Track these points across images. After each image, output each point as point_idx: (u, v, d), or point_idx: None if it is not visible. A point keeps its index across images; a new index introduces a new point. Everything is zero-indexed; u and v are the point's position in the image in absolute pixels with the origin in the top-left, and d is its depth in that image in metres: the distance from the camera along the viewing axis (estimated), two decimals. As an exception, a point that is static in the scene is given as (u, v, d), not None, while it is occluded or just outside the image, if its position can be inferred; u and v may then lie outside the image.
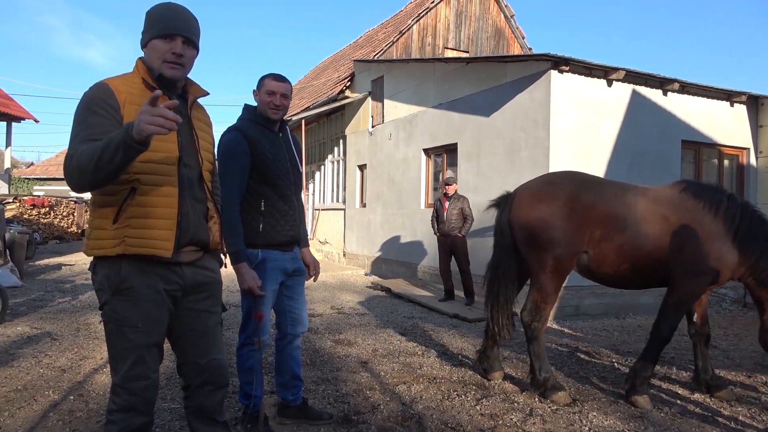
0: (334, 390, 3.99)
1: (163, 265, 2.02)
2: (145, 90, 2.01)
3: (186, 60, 2.06)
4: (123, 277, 1.96)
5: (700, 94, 8.39)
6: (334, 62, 19.08)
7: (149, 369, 2.04)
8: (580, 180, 4.11)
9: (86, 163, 1.75)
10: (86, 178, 1.79)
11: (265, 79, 3.04)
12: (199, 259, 2.16)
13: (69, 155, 1.83)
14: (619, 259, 3.91)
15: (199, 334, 2.18)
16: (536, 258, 4.01)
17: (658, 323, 3.89)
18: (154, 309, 2.02)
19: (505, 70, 8.17)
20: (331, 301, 8.10)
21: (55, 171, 32.57)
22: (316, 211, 15.33)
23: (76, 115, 1.94)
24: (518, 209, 4.10)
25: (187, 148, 2.09)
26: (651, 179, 7.34)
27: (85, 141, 1.84)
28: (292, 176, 3.11)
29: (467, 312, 7.18)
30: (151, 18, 2.05)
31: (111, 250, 1.95)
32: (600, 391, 4.15)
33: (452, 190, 7.90)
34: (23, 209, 16.54)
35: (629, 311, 7.59)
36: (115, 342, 2.01)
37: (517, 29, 16.12)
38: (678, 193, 3.95)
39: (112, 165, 1.74)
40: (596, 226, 3.89)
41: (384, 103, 11.80)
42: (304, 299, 3.30)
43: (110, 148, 1.72)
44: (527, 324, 4.02)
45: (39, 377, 4.15)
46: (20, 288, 8.40)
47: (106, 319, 2.01)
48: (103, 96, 1.93)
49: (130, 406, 2.00)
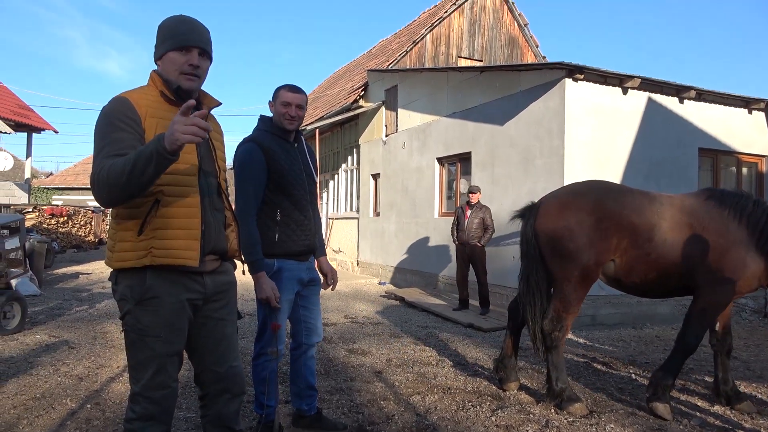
0: (348, 400, 3.98)
1: (187, 275, 2.04)
2: (163, 102, 2.04)
3: (202, 71, 2.09)
4: (147, 287, 1.97)
5: (717, 101, 8.31)
6: (348, 72, 19.20)
7: (170, 378, 2.05)
8: (606, 189, 4.08)
9: (117, 177, 1.77)
10: (117, 192, 1.81)
11: (280, 90, 3.07)
12: (218, 267, 2.19)
13: (96, 170, 1.84)
14: (645, 267, 3.87)
15: (216, 342, 2.19)
16: (561, 267, 3.96)
17: (683, 332, 3.84)
18: (176, 318, 2.03)
19: (519, 79, 8.16)
20: (345, 311, 8.10)
21: (73, 181, 33.07)
22: (330, 220, 15.38)
23: (99, 130, 1.94)
24: (544, 218, 4.05)
25: (205, 158, 2.12)
26: (668, 188, 7.26)
27: (110, 157, 1.85)
28: (307, 186, 3.12)
29: (482, 321, 7.14)
30: (166, 31, 2.07)
31: (137, 261, 1.95)
32: (617, 402, 4.10)
33: (475, 198, 7.81)
34: (42, 218, 16.80)
35: (646, 321, 7.49)
36: (136, 351, 2.02)
37: (531, 38, 16.11)
38: (703, 200, 3.92)
39: (144, 177, 1.77)
40: (623, 235, 3.85)
41: (398, 112, 11.84)
42: (319, 309, 3.31)
43: (141, 160, 1.74)
44: (548, 333, 3.97)
45: (57, 385, 4.20)
46: (39, 296, 8.52)
47: (128, 329, 2.02)
48: (124, 110, 1.94)
49: (150, 414, 2.01)
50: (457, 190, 9.94)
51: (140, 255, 1.95)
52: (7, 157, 15.52)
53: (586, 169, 7.18)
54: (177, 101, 2.05)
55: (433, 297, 9.17)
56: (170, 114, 2.02)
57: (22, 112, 18.30)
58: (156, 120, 1.97)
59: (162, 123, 1.98)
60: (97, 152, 1.91)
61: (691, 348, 3.80)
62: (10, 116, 16.92)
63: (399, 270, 11.46)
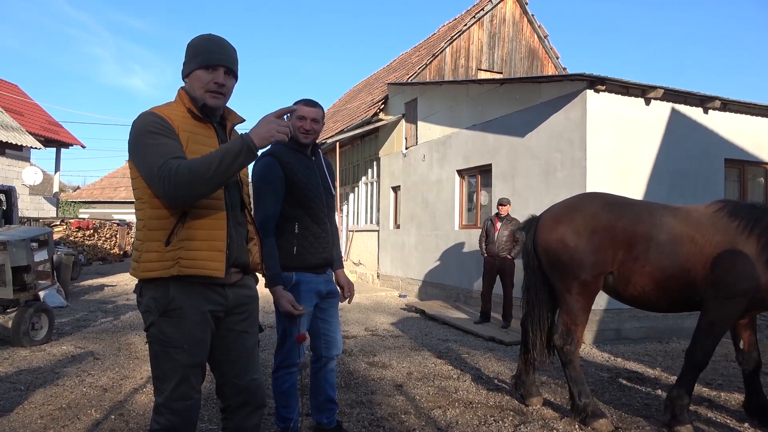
0: (368, 413, 3.96)
1: (209, 287, 2.07)
2: (189, 118, 2.08)
3: (227, 89, 2.13)
4: (170, 299, 2.00)
5: (743, 111, 8.16)
6: (367, 85, 19.35)
7: (193, 389, 2.07)
8: (602, 201, 4.05)
9: (202, 173, 1.85)
10: (202, 186, 1.88)
11: (299, 104, 3.11)
12: (240, 280, 2.21)
13: (169, 169, 1.85)
14: (644, 280, 3.81)
15: (238, 355, 2.21)
16: (560, 280, 3.98)
17: (691, 348, 3.76)
18: (199, 330, 2.05)
19: (540, 91, 8.13)
20: (365, 323, 8.09)
21: (99, 194, 33.76)
22: (350, 233, 15.42)
23: (141, 138, 1.96)
24: (541, 232, 4.13)
25: None
26: (693, 199, 7.13)
27: (167, 157, 1.88)
28: (325, 199, 3.15)
29: (503, 335, 7.06)
30: (194, 49, 2.12)
31: (164, 272, 1.97)
32: (643, 419, 4.00)
33: (505, 211, 7.72)
34: (69, 231, 17.16)
35: (672, 335, 7.33)
36: (160, 362, 2.05)
37: (551, 49, 16.06)
38: (712, 212, 3.82)
39: (230, 171, 1.88)
40: (618, 248, 3.82)
41: (417, 124, 11.87)
42: (338, 321, 3.31)
43: (230, 155, 1.86)
44: (559, 348, 3.94)
45: (82, 396, 4.26)
46: (65, 308, 8.68)
47: (152, 340, 2.05)
48: (160, 120, 1.99)
49: (173, 425, 2.03)
50: (478, 203, 9.90)
51: (167, 265, 1.97)
52: (37, 171, 15.93)
53: (608, 181, 7.09)
54: (203, 118, 2.09)
55: (454, 310, 9.11)
56: (198, 129, 2.07)
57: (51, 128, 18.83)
58: (187, 134, 2.02)
59: (193, 137, 2.03)
60: (149, 155, 1.92)
61: (701, 363, 3.71)
62: (41, 132, 17.41)
63: (419, 283, 11.42)
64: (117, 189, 34.19)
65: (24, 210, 14.72)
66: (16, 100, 18.58)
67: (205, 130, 2.10)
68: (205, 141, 2.07)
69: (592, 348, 6.60)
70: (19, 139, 14.83)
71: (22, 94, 19.78)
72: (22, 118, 17.03)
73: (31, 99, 20.15)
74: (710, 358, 3.74)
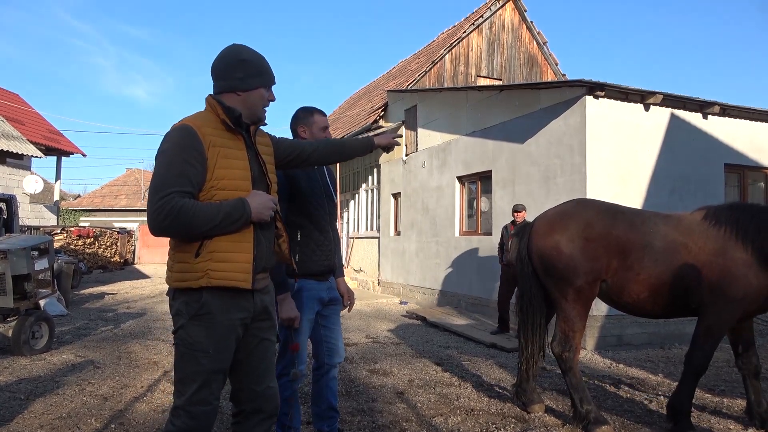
0: (370, 421, 3.94)
1: (241, 293, 2.11)
2: (223, 130, 2.13)
3: None
4: (203, 303, 2.05)
5: (742, 116, 8.17)
6: (367, 93, 19.40)
7: (212, 395, 2.10)
8: (596, 209, 4.05)
9: (202, 225, 1.97)
10: (195, 233, 2.00)
11: (314, 114, 3.13)
12: (267, 285, 2.27)
13: (172, 206, 1.92)
14: (638, 287, 3.82)
15: (258, 361, 2.24)
16: (555, 286, 3.99)
17: (690, 353, 3.77)
18: (226, 336, 2.09)
19: (539, 97, 8.15)
20: (366, 330, 8.07)
21: (100, 202, 33.80)
22: (350, 240, 15.42)
23: (167, 159, 2.02)
24: (535, 238, 4.13)
25: (258, 180, 2.20)
26: (693, 204, 7.11)
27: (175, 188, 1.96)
28: (327, 206, 3.15)
29: (505, 341, 7.03)
30: (254, 67, 2.20)
31: (195, 282, 2.04)
32: (646, 425, 3.99)
33: (521, 217, 7.50)
34: (70, 240, 17.16)
35: (674, 341, 7.30)
36: (184, 365, 2.08)
37: (550, 56, 16.12)
38: (700, 219, 3.84)
39: (222, 231, 2.02)
40: (612, 255, 3.83)
41: (417, 131, 11.90)
42: (340, 329, 3.31)
43: (228, 219, 2.00)
44: (558, 355, 3.94)
45: (82, 405, 4.25)
46: (66, 316, 8.67)
47: (179, 342, 2.09)
48: (192, 142, 2.03)
49: (189, 429, 2.06)
50: (478, 209, 9.91)
51: (197, 276, 2.03)
52: (38, 180, 15.95)
53: (608, 187, 7.10)
54: (236, 129, 2.15)
55: (455, 317, 9.09)
56: (229, 142, 2.13)
57: (52, 137, 18.87)
58: (217, 149, 2.08)
59: (223, 152, 2.09)
60: (163, 180, 1.98)
61: (701, 368, 3.72)
62: (42, 141, 17.45)
63: (420, 289, 11.40)
64: (117, 197, 34.24)
65: (25, 218, 14.73)
66: (17, 109, 18.63)
67: (235, 141, 2.16)
68: (235, 154, 2.13)
69: (594, 354, 6.58)
70: (20, 148, 14.87)
71: (23, 104, 19.84)
72: (23, 127, 17.08)
73: (32, 108, 20.21)
74: (709, 362, 3.74)
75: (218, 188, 2.05)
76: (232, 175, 2.09)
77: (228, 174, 2.08)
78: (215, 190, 2.05)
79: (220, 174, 2.05)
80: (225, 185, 2.07)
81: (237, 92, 2.18)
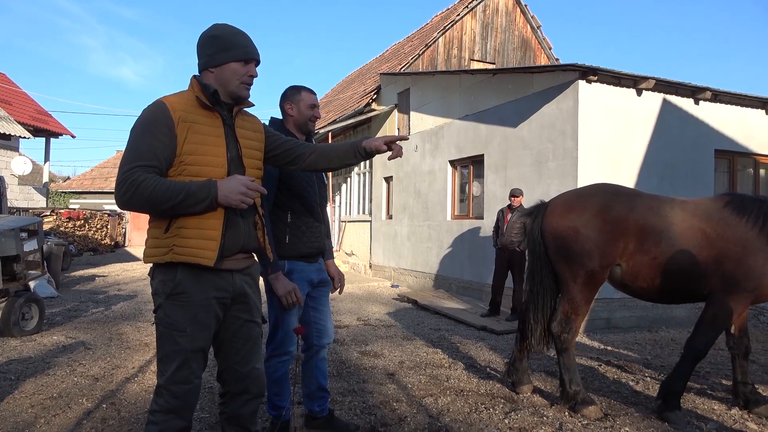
0: (360, 401, 3.98)
1: (215, 273, 2.10)
2: (196, 106, 2.11)
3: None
4: (177, 283, 2.05)
5: (733, 102, 8.20)
6: (360, 76, 19.27)
7: (193, 374, 2.11)
8: (614, 192, 4.04)
9: (161, 201, 1.94)
10: (154, 210, 2.01)
11: (302, 92, 3.09)
12: (249, 267, 2.26)
13: (133, 180, 1.93)
14: (653, 272, 3.81)
15: (243, 342, 2.25)
16: (567, 268, 3.95)
17: (693, 337, 3.79)
18: (203, 315, 2.10)
19: (532, 81, 8.13)
20: (358, 313, 8.11)
21: (89, 185, 33.51)
22: (342, 223, 15.42)
23: (135, 133, 2.03)
24: (550, 218, 4.07)
25: (234, 160, 2.17)
26: (683, 190, 7.19)
27: (143, 166, 1.96)
28: (317, 189, 3.15)
29: (495, 324, 7.10)
30: (225, 42, 2.15)
31: (162, 257, 2.06)
32: (632, 405, 4.05)
33: (517, 202, 7.49)
34: (60, 222, 17.04)
35: (662, 324, 7.41)
36: (163, 344, 2.10)
37: (543, 40, 16.05)
38: (721, 206, 3.82)
39: (184, 211, 1.99)
40: (629, 239, 3.81)
41: (410, 115, 11.85)
42: (329, 310, 3.32)
43: (191, 199, 1.96)
44: (557, 335, 3.96)
45: (73, 385, 4.25)
46: (56, 298, 8.65)
47: (158, 322, 2.11)
48: (160, 116, 2.02)
49: (171, 408, 2.07)
50: (470, 193, 9.92)
51: (164, 252, 2.05)
52: (26, 161, 15.77)
53: (599, 171, 7.13)
54: (211, 106, 2.13)
55: (446, 300, 9.15)
56: (202, 118, 2.10)
57: (40, 117, 18.62)
58: (188, 125, 2.05)
59: (194, 128, 2.06)
60: (130, 154, 2.00)
61: (701, 354, 3.75)
62: (30, 121, 17.22)
63: (411, 273, 11.45)
64: (108, 179, 33.93)
65: (13, 200, 14.59)
66: (4, 88, 18.35)
67: (210, 118, 2.13)
68: (208, 130, 2.11)
69: (583, 337, 6.66)
70: (8, 128, 14.67)
71: (10, 83, 19.53)
72: (10, 107, 16.83)
73: (20, 88, 19.91)
74: (710, 348, 3.78)
75: (187, 163, 2.04)
76: (202, 151, 2.06)
77: (197, 149, 2.05)
78: (184, 165, 2.04)
79: (188, 149, 2.03)
80: (194, 161, 2.05)
81: (209, 68, 2.17)
